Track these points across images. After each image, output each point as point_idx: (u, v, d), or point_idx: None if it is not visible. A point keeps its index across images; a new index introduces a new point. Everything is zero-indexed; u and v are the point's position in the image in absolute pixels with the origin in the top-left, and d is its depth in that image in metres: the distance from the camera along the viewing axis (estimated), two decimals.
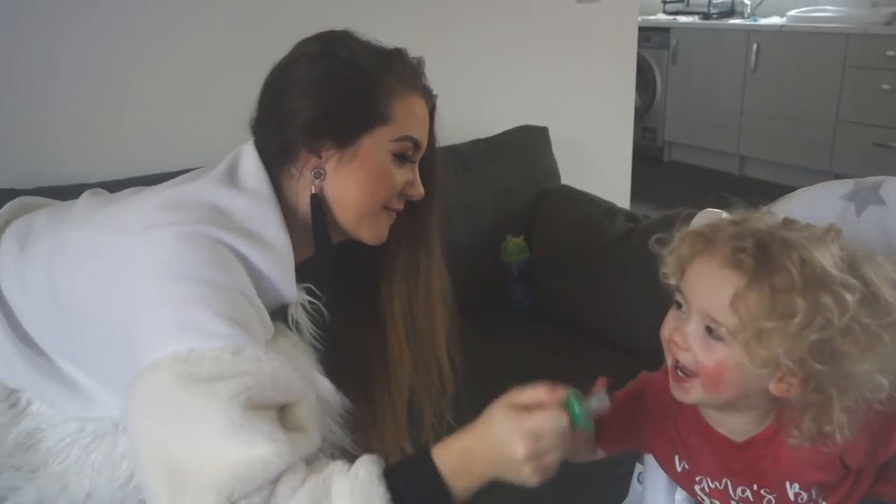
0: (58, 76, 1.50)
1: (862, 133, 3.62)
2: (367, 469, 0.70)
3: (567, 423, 0.70)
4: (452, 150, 1.81)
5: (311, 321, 0.91)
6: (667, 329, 0.76)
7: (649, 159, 4.65)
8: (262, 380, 0.72)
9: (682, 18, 4.55)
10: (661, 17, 4.71)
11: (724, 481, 0.82)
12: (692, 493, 0.87)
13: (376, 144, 0.88)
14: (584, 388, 0.75)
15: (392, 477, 0.70)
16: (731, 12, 4.47)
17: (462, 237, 1.74)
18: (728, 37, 4.18)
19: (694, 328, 0.72)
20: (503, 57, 2.08)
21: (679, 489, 0.93)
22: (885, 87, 3.50)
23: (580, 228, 1.72)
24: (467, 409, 0.81)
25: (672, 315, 0.77)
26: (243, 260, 0.81)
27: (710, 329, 0.71)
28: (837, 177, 2.16)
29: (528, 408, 0.71)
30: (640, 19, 4.24)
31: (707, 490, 0.85)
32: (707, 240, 0.74)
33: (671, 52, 4.47)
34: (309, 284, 0.91)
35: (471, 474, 0.71)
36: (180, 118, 1.64)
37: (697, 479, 0.85)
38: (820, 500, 0.78)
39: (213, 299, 0.75)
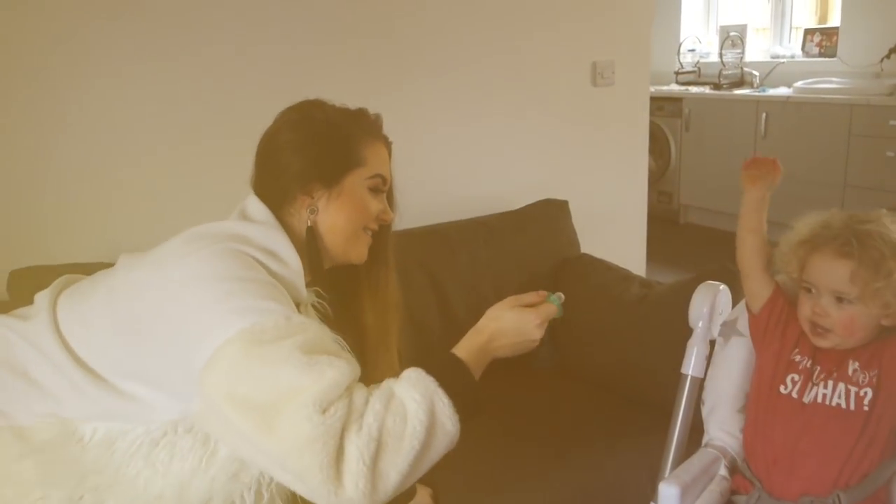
0: (47, 159, 1.62)
1: (869, 197, 3.75)
2: (414, 371, 0.95)
3: (555, 311, 1.06)
4: (481, 222, 2.00)
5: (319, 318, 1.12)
6: (805, 308, 1.08)
7: (666, 222, 4.81)
8: (310, 335, 0.95)
9: (694, 89, 4.76)
10: (674, 87, 4.93)
11: (810, 360, 1.09)
12: (782, 379, 1.10)
13: (356, 182, 1.13)
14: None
15: (434, 372, 0.95)
16: (740, 83, 4.68)
17: (491, 301, 1.90)
18: (738, 106, 4.38)
19: (826, 301, 1.05)
20: (527, 137, 2.29)
21: None
22: (890, 154, 3.66)
23: (599, 294, 1.88)
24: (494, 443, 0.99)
25: (804, 298, 1.09)
26: (266, 268, 1.02)
27: (839, 298, 1.03)
28: None
29: (529, 305, 1.05)
30: (653, 89, 4.49)
31: (796, 366, 1.09)
32: (813, 244, 1.08)
33: (684, 121, 4.68)
34: (317, 288, 1.15)
35: (488, 358, 1.01)
36: (166, 199, 1.76)
37: (797, 357, 1.10)
38: (861, 375, 1.05)
39: (254, 288, 0.97)
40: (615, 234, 2.51)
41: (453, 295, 1.86)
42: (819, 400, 1.04)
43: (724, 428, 1.20)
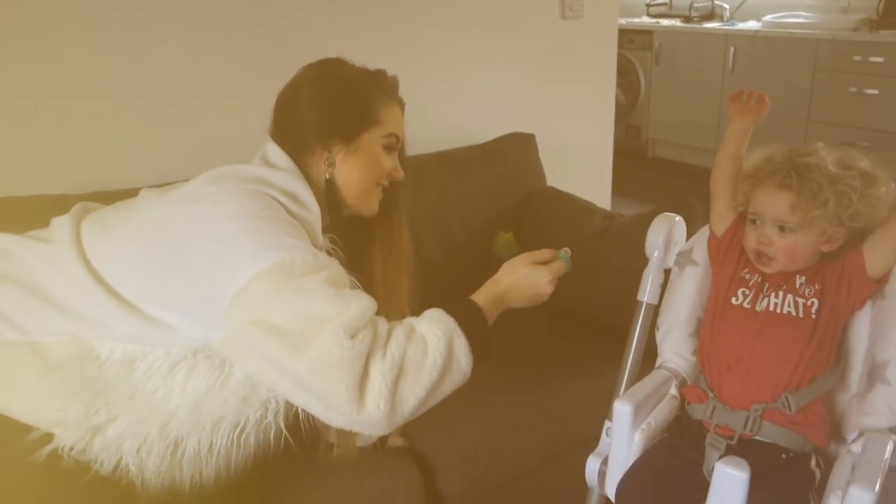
0: (56, 83, 1.63)
1: (830, 132, 3.83)
2: (436, 311, 1.06)
3: (564, 269, 1.18)
4: (449, 155, 2.02)
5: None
6: (750, 237, 1.15)
7: (634, 155, 4.87)
8: (335, 271, 1.05)
9: (665, 21, 4.75)
10: (645, 19, 4.91)
11: (760, 277, 1.16)
12: (733, 292, 1.17)
13: (372, 140, 1.20)
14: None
15: (455, 314, 1.06)
16: (710, 16, 4.67)
17: (458, 233, 1.95)
18: (707, 40, 4.39)
19: (770, 230, 1.12)
20: (494, 71, 2.29)
21: (638, 433, 1.15)
22: (852, 89, 3.72)
23: (563, 225, 1.93)
24: None
25: (750, 228, 1.15)
26: (287, 210, 1.09)
27: (781, 227, 1.10)
28: None
29: (542, 262, 1.16)
30: (624, 21, 4.47)
31: (746, 282, 1.16)
32: (757, 178, 1.14)
33: (654, 54, 4.68)
34: (332, 235, 1.21)
35: (501, 308, 1.14)
36: (178, 129, 1.79)
37: (746, 274, 1.17)
38: (807, 287, 1.12)
39: (281, 227, 1.05)
40: (581, 167, 2.55)
41: (421, 227, 1.90)
42: (770, 308, 1.11)
43: (676, 351, 1.27)
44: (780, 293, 1.12)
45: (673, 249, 1.32)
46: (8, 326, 1.08)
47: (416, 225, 1.89)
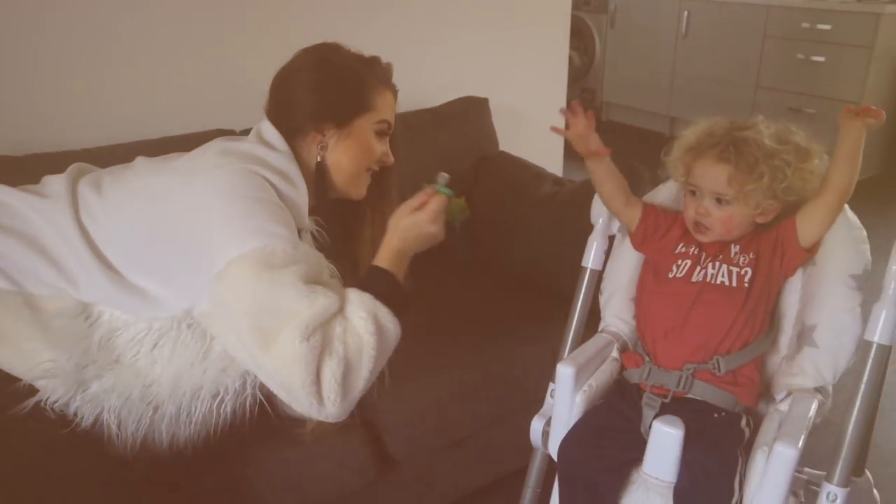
0: (41, 42, 1.61)
1: (778, 98, 3.91)
2: (354, 293, 1.10)
3: (446, 201, 1.20)
4: (401, 118, 1.97)
5: (316, 246, 1.22)
6: (689, 209, 1.18)
7: None
8: (311, 264, 1.08)
9: None
10: None
11: (696, 247, 1.20)
12: (669, 267, 1.20)
13: (365, 126, 1.23)
14: None
15: (368, 287, 1.11)
16: None
17: (410, 197, 1.95)
18: (662, 4, 4.40)
19: (708, 202, 1.15)
20: (447, 32, 2.26)
21: (580, 394, 1.19)
22: (800, 56, 3.79)
23: (513, 191, 1.94)
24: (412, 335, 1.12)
25: (689, 199, 1.18)
26: (277, 191, 1.13)
27: (718, 199, 1.13)
28: None
29: (420, 207, 1.18)
30: None
31: (681, 254, 1.20)
32: (697, 150, 1.16)
33: (610, 17, 4.68)
34: (317, 217, 1.24)
35: (404, 260, 1.16)
36: (162, 87, 1.78)
37: (681, 247, 1.21)
38: (741, 256, 1.17)
39: (269, 210, 1.08)
40: (534, 131, 2.54)
41: None
42: (706, 279, 1.16)
43: (618, 315, 1.30)
44: (717, 263, 1.16)
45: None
46: (0, 276, 1.09)
47: None
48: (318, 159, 1.22)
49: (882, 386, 1.06)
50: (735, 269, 1.15)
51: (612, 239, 1.35)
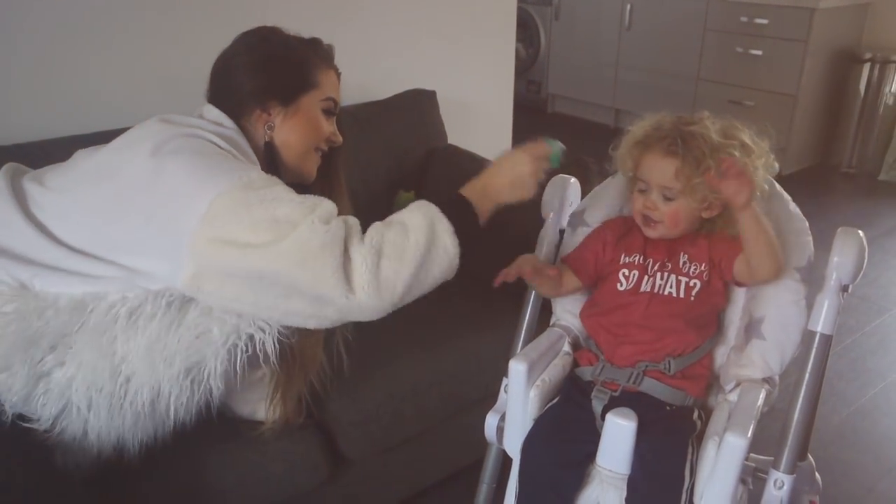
0: None
1: (719, 91, 3.99)
2: (418, 201, 1.08)
3: (549, 153, 1.17)
4: (348, 111, 1.95)
5: None
6: (638, 203, 1.18)
7: (534, 111, 4.92)
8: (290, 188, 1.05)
9: None
10: None
11: (643, 256, 1.20)
12: (617, 279, 1.21)
13: (311, 103, 1.22)
14: None
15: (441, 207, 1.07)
16: None
17: (358, 191, 1.90)
18: None
19: (655, 196, 1.15)
20: (393, 25, 2.23)
21: (533, 389, 1.19)
22: (739, 49, 3.88)
23: (463, 184, 1.93)
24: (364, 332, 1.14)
25: (637, 195, 1.19)
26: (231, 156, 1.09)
27: (665, 194, 1.14)
28: None
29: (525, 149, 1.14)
30: None
31: (629, 264, 1.20)
32: (645, 144, 1.16)
33: (554, 9, 4.70)
34: None
35: (489, 199, 1.13)
36: (106, 80, 1.71)
37: (625, 257, 1.21)
38: (690, 266, 1.18)
39: (230, 160, 1.07)
40: (482, 123, 2.55)
41: None
42: (654, 289, 1.17)
43: (568, 309, 1.31)
44: (665, 273, 1.18)
45: (567, 210, 1.35)
46: None
47: None
48: (267, 139, 1.20)
49: (824, 374, 1.09)
50: (684, 280, 1.16)
51: (563, 233, 1.35)
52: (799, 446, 1.06)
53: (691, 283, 1.16)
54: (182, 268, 1.02)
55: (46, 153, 1.39)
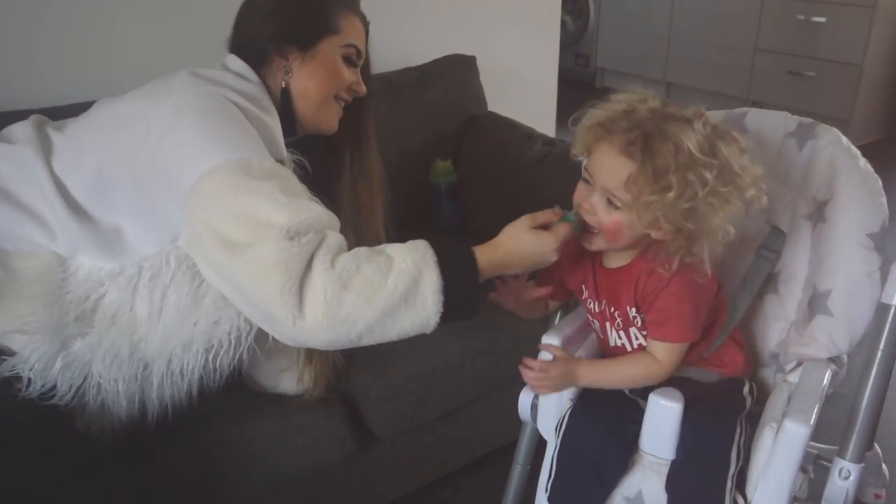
0: None
1: (777, 61, 3.79)
2: (418, 241, 0.96)
3: (570, 230, 0.99)
4: (383, 77, 1.88)
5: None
6: (578, 196, 1.00)
7: (582, 85, 4.77)
8: (293, 182, 1.00)
9: None
10: None
11: (602, 302, 1.06)
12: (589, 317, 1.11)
13: (330, 49, 1.15)
14: None
15: (441, 254, 0.95)
16: None
17: (393, 161, 1.82)
18: None
19: (598, 199, 0.96)
20: None
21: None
22: (800, 17, 3.66)
23: (502, 152, 1.84)
24: None
25: (581, 186, 0.99)
26: (249, 116, 1.04)
27: (610, 200, 0.94)
28: (755, 104, 2.32)
29: (544, 226, 1.00)
30: None
31: (592, 311, 1.08)
32: (605, 129, 0.95)
33: None
34: (299, 157, 1.15)
35: (500, 271, 1.01)
36: (134, 44, 1.68)
37: (590, 303, 1.08)
38: (640, 317, 1.03)
39: (242, 129, 1.01)
40: (525, 93, 2.44)
41: None
42: (623, 346, 1.07)
43: None
44: (621, 333, 1.06)
45: None
46: None
47: None
48: (283, 85, 1.14)
49: None
50: (642, 334, 1.04)
51: None
52: (868, 434, 0.95)
53: (643, 333, 1.03)
54: (181, 234, 1.00)
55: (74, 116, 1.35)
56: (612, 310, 1.05)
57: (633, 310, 1.02)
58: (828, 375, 0.98)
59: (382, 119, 1.82)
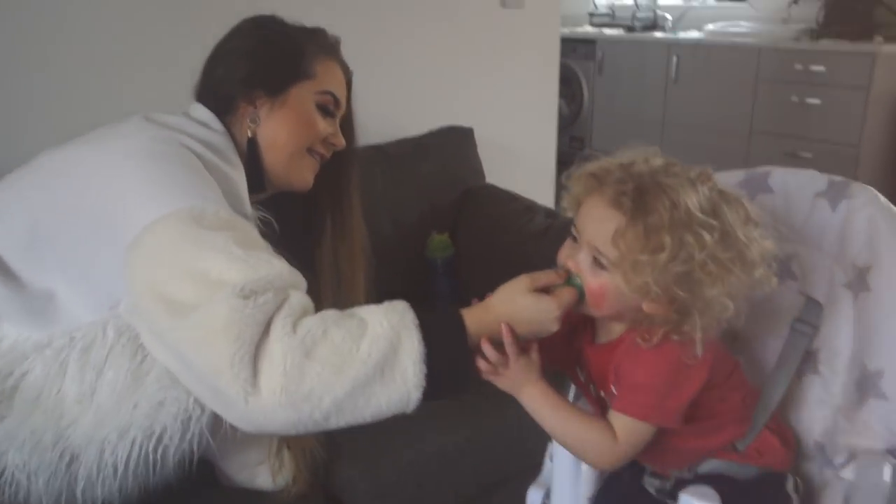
0: None
1: (774, 143, 3.79)
2: (397, 301, 0.83)
3: (576, 297, 0.85)
4: (380, 149, 1.83)
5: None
6: (563, 255, 0.88)
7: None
8: (251, 235, 0.88)
9: (608, 31, 4.69)
10: (588, 28, 4.84)
11: (591, 386, 0.94)
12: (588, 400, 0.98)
13: (302, 95, 1.05)
14: None
15: (427, 321, 0.81)
16: (653, 26, 4.63)
17: (388, 233, 1.76)
18: (650, 49, 4.32)
19: (583, 257, 0.85)
20: (430, 59, 2.11)
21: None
22: (794, 99, 3.69)
23: (501, 225, 1.77)
24: None
25: (568, 244, 0.88)
26: (206, 164, 0.93)
27: (596, 258, 0.83)
28: None
29: (545, 289, 0.85)
30: (567, 31, 4.37)
31: (577, 379, 0.96)
32: (597, 180, 0.85)
33: (597, 64, 4.60)
34: (265, 214, 1.03)
35: (496, 333, 0.85)
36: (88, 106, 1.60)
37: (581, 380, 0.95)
38: None
39: (196, 176, 0.89)
40: (524, 166, 2.38)
41: None
42: None
43: None
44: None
45: None
46: None
47: None
48: (250, 135, 1.03)
49: None
50: None
51: None
52: None
53: None
54: (122, 297, 0.86)
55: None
56: (602, 394, 0.91)
57: (614, 388, 0.88)
58: (888, 472, 0.85)
59: (377, 191, 1.76)
